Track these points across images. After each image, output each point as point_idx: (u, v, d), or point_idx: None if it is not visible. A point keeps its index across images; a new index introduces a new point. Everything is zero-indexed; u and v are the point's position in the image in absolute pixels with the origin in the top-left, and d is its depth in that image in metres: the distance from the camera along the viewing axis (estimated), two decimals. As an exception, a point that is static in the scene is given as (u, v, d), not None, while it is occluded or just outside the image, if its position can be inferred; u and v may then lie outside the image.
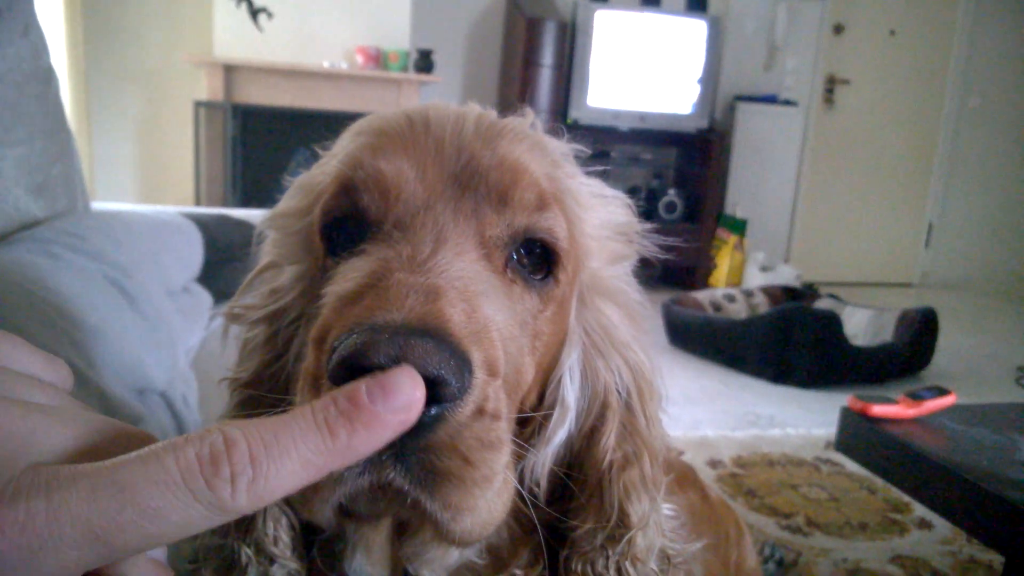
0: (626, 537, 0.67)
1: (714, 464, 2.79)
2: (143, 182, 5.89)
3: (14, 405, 0.35)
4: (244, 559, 0.66)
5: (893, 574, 2.09)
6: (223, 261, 2.16)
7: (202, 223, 2.19)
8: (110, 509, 0.31)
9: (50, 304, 1.10)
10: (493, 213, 0.60)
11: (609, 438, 0.68)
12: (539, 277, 0.63)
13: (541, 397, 0.68)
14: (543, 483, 0.67)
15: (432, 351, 0.45)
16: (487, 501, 0.50)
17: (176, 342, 1.53)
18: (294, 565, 0.67)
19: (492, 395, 0.50)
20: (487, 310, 0.54)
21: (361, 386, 0.38)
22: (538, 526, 0.67)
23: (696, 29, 6.27)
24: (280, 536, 0.67)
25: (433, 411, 0.45)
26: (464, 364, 0.47)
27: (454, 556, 0.67)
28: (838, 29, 7.11)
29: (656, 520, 0.70)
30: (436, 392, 0.45)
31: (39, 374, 0.41)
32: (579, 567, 0.68)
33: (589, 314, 0.70)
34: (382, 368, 0.42)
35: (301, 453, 0.35)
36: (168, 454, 0.33)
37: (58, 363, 0.43)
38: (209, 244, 2.15)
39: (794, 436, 3.14)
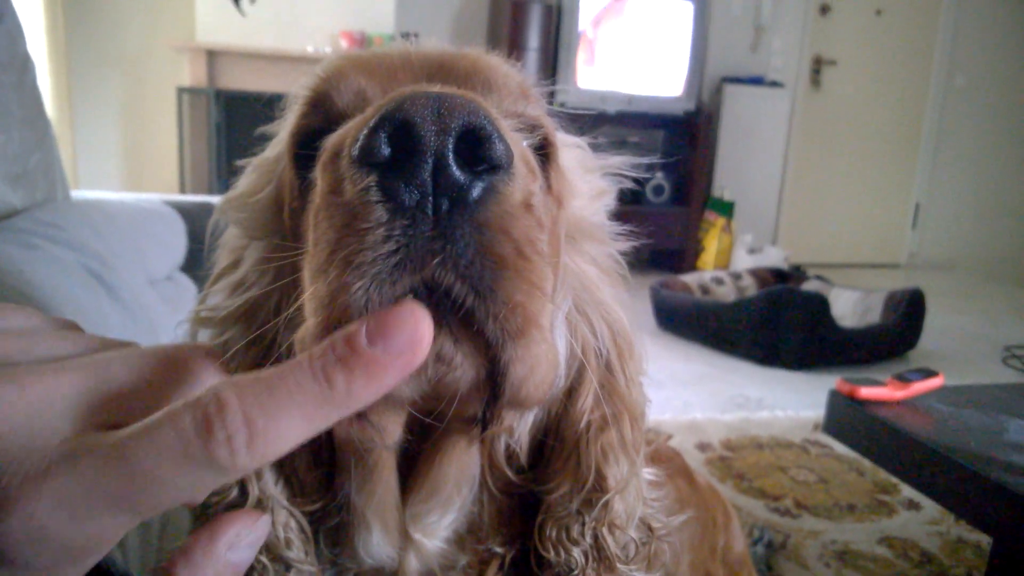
0: (602, 501, 0.63)
1: (703, 447, 2.79)
2: (127, 170, 5.85)
3: (17, 375, 0.35)
4: (260, 567, 0.62)
5: (882, 555, 2.10)
6: (207, 249, 2.14)
7: (185, 211, 2.17)
8: (123, 479, 0.32)
9: (26, 296, 1.08)
10: (480, 95, 0.54)
11: (587, 399, 0.64)
12: None
13: None
14: (524, 444, 0.64)
15: (477, 102, 0.40)
16: (543, 336, 0.44)
17: (158, 332, 1.51)
18: (311, 568, 0.63)
19: (537, 192, 0.45)
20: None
21: (360, 328, 0.35)
22: (516, 492, 0.65)
23: (682, 10, 6.23)
24: (291, 539, 0.63)
25: (484, 181, 0.41)
26: (504, 139, 0.42)
27: (448, 519, 0.64)
28: (824, 9, 7.10)
29: (636, 486, 0.67)
30: (483, 155, 0.41)
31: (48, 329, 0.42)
32: (553, 533, 0.64)
33: (573, 264, 0.66)
34: (415, 137, 0.39)
35: (300, 406, 0.33)
36: (167, 423, 0.33)
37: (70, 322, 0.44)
38: (193, 232, 2.13)
39: (783, 418, 3.15)
